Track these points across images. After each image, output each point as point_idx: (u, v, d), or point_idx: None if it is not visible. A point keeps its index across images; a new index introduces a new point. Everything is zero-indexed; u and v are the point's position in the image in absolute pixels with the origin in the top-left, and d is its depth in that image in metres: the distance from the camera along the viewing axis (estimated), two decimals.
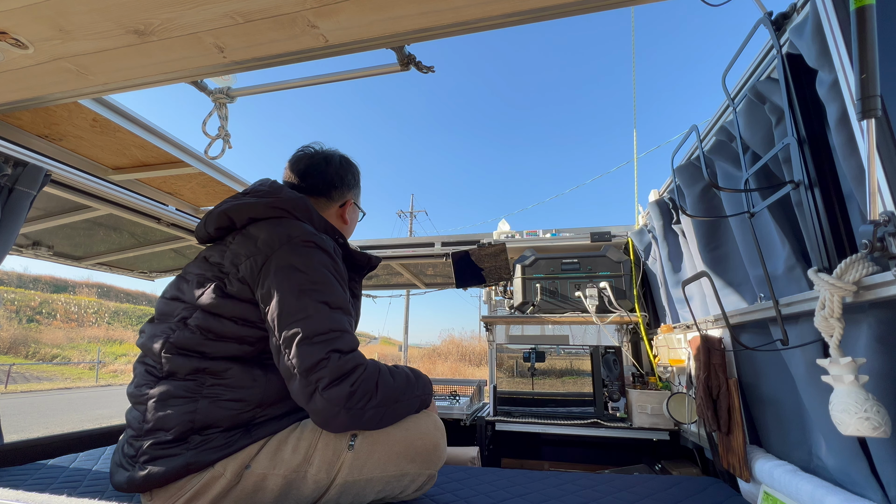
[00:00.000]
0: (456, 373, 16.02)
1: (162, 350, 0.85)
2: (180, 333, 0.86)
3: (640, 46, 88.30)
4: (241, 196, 1.01)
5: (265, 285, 0.86)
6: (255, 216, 0.96)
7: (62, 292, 24.60)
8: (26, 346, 17.81)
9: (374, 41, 0.78)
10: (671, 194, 1.63)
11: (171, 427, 0.81)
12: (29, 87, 0.91)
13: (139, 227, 2.02)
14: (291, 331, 0.82)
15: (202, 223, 1.01)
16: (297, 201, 0.99)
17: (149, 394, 0.84)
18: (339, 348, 0.83)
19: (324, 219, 1.04)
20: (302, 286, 0.86)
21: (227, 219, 0.97)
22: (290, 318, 0.83)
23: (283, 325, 0.83)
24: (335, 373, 0.81)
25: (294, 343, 0.82)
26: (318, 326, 0.83)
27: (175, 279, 0.97)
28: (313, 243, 0.91)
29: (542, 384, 1.98)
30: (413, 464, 0.95)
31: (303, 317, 0.83)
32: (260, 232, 0.92)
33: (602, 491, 1.14)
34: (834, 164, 0.81)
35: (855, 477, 0.78)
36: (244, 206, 0.96)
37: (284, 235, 0.90)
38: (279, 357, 0.84)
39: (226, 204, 0.98)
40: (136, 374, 0.90)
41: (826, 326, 0.69)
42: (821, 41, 0.74)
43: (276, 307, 0.84)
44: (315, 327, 0.83)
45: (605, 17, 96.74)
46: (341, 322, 0.87)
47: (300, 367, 0.80)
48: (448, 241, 2.44)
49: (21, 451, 1.30)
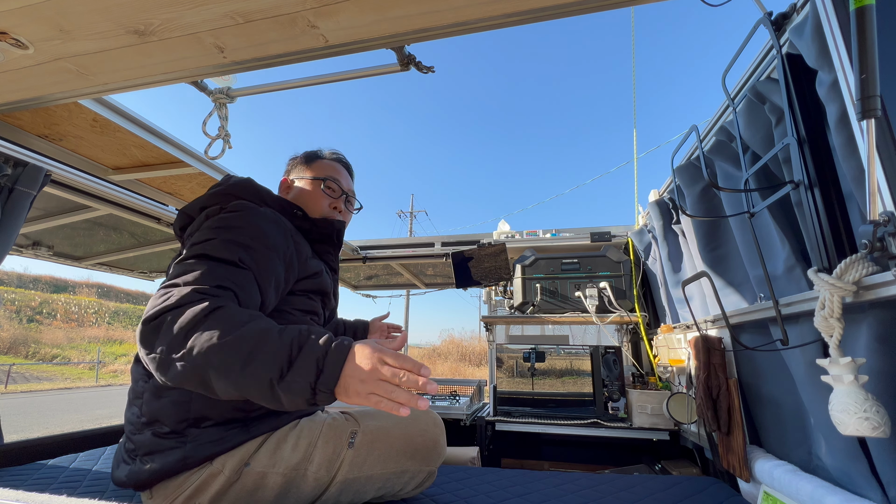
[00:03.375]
0: (456, 373, 16.02)
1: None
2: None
3: (640, 47, 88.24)
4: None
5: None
6: (205, 205, 0.96)
7: (62, 292, 24.59)
8: (26, 346, 17.80)
9: (374, 41, 0.78)
10: (671, 194, 1.63)
11: (167, 418, 0.81)
12: (29, 87, 0.91)
13: (139, 227, 2.02)
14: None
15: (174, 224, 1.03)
16: (243, 183, 1.01)
17: (145, 387, 0.85)
18: (174, 283, 0.71)
19: (277, 196, 1.08)
20: (194, 242, 0.82)
21: (186, 216, 0.98)
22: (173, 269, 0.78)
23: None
24: (149, 306, 0.68)
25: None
26: (173, 272, 0.75)
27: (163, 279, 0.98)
28: (237, 210, 0.90)
29: (542, 384, 1.98)
30: (413, 461, 0.96)
31: (179, 271, 0.75)
32: (202, 215, 0.94)
33: (602, 491, 1.14)
34: (834, 164, 0.81)
35: (855, 477, 0.78)
36: (196, 201, 0.98)
37: (215, 210, 0.92)
38: None
39: (187, 205, 1.00)
40: (133, 373, 0.90)
41: (826, 326, 0.69)
42: (821, 41, 0.74)
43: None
44: (171, 273, 0.76)
45: (605, 17, 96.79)
46: (198, 266, 0.75)
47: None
48: (448, 241, 2.44)
49: (21, 451, 1.30)
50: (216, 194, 0.97)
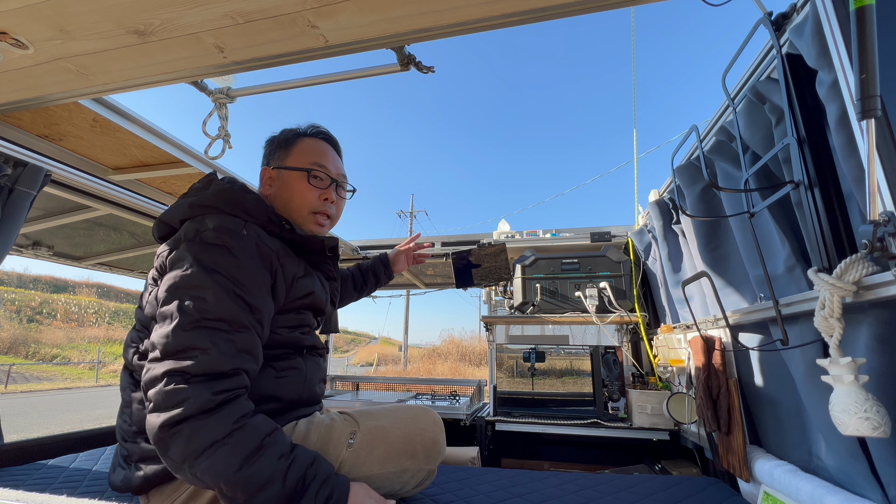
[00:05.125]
0: (456, 373, 16.01)
1: (133, 358, 0.85)
2: (147, 343, 0.82)
3: (640, 47, 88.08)
4: (180, 198, 0.95)
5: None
6: (184, 217, 0.89)
7: (62, 292, 24.59)
8: (26, 346, 17.81)
9: (374, 41, 0.78)
10: (671, 194, 1.63)
11: None
12: (29, 87, 0.91)
13: (139, 227, 2.02)
14: (154, 337, 0.74)
15: (153, 230, 0.97)
16: (222, 194, 0.90)
17: (133, 397, 0.84)
18: (184, 370, 0.69)
19: (264, 206, 0.93)
20: (179, 286, 0.75)
21: (166, 226, 0.93)
22: (160, 324, 0.74)
23: (155, 329, 0.75)
24: (159, 400, 0.68)
25: (150, 354, 0.73)
26: (174, 341, 0.71)
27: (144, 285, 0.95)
28: (221, 242, 0.80)
29: (542, 384, 1.98)
30: (413, 460, 0.96)
31: (166, 326, 0.73)
32: (181, 230, 0.86)
33: (602, 491, 1.14)
34: (834, 164, 0.81)
35: (855, 477, 0.78)
36: (174, 210, 0.91)
37: (192, 230, 0.82)
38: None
39: (165, 211, 0.94)
40: (122, 379, 0.90)
41: (826, 326, 0.69)
42: (821, 41, 0.74)
43: (159, 308, 0.76)
44: (170, 342, 0.71)
45: (606, 17, 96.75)
46: (204, 339, 0.72)
47: (142, 381, 0.71)
48: (448, 241, 2.44)
49: (21, 451, 1.30)
50: (196, 206, 0.88)
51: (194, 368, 0.69)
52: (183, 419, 0.66)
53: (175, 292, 0.75)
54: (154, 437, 0.67)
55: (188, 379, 0.69)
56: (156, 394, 0.68)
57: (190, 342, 0.71)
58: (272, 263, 0.86)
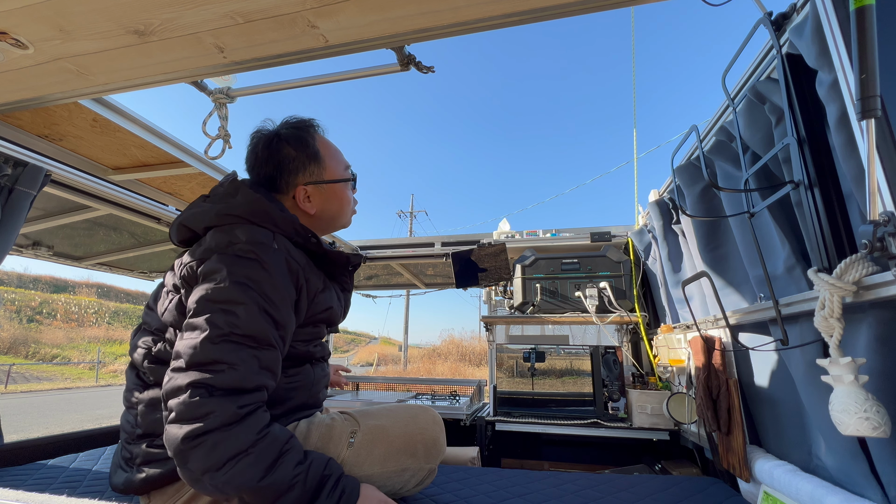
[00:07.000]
0: (456, 373, 16.01)
1: (144, 361, 0.85)
2: (160, 346, 0.84)
3: (640, 46, 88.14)
4: (200, 202, 0.93)
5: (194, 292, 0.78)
6: (210, 224, 0.87)
7: (62, 292, 24.59)
8: (26, 346, 17.80)
9: (374, 41, 0.78)
10: (671, 194, 1.63)
11: (162, 431, 0.79)
12: (29, 87, 0.91)
13: (139, 227, 2.02)
14: (179, 347, 0.73)
15: (170, 232, 0.96)
16: (253, 204, 0.87)
17: (139, 398, 0.84)
18: (208, 383, 0.69)
19: (290, 217, 0.91)
20: (211, 298, 0.75)
21: (187, 230, 0.91)
22: (188, 334, 0.74)
23: (181, 339, 0.75)
24: (181, 411, 0.67)
25: (174, 363, 0.73)
26: (202, 353, 0.71)
27: (157, 286, 0.94)
28: (254, 255, 0.79)
29: (542, 384, 1.98)
30: (413, 458, 0.96)
31: (194, 337, 0.72)
32: (210, 238, 0.84)
33: (602, 491, 1.14)
34: (834, 164, 0.81)
35: (855, 477, 0.78)
36: (199, 215, 0.89)
37: (224, 242, 0.81)
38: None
39: (185, 213, 0.91)
40: (128, 378, 0.89)
41: (826, 326, 0.69)
42: (821, 41, 0.74)
43: (188, 319, 0.76)
44: (197, 353, 0.71)
45: (605, 17, 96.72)
46: (232, 354, 0.72)
47: (163, 389, 0.72)
48: (448, 241, 2.44)
49: (21, 451, 1.30)
50: (219, 215, 0.87)
51: (220, 382, 0.69)
52: (206, 431, 0.66)
53: (206, 305, 0.75)
54: (174, 448, 0.67)
55: (213, 392, 0.69)
56: (178, 404, 0.68)
57: (217, 355, 0.71)
58: (299, 279, 0.86)
